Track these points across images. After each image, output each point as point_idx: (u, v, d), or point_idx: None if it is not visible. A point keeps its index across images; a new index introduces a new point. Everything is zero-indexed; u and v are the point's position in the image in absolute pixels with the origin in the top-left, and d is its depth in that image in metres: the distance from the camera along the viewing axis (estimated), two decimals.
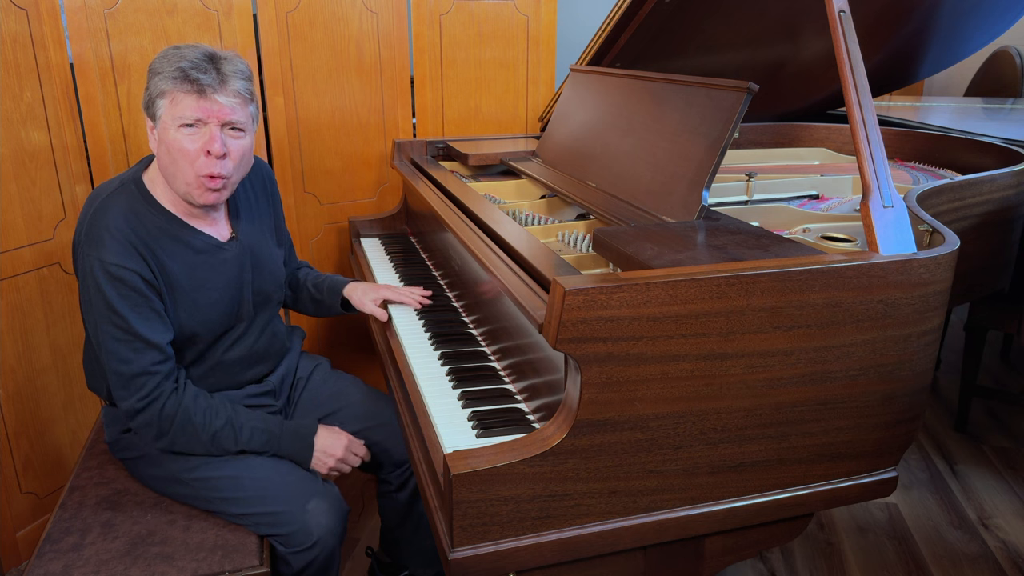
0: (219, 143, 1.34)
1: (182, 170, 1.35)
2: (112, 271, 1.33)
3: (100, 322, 1.35)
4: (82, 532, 1.40)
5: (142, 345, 1.35)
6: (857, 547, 2.14)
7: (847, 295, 1.14)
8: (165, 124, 1.34)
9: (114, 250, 1.33)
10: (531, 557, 1.10)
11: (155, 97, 1.34)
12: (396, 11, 2.43)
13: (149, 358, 1.36)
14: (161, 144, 1.36)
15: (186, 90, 1.31)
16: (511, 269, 1.32)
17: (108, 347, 1.36)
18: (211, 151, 1.34)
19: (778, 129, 2.61)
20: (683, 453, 1.13)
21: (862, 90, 1.25)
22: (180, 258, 1.42)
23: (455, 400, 1.34)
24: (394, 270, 2.06)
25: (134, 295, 1.35)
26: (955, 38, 2.47)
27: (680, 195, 1.42)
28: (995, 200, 1.87)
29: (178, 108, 1.32)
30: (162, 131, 1.34)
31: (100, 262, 1.33)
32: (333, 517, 1.44)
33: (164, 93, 1.32)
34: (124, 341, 1.35)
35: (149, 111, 1.36)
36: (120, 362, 1.35)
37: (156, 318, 1.38)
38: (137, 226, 1.37)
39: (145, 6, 2.05)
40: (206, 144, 1.33)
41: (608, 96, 1.84)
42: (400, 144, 2.43)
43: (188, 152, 1.33)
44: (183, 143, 1.33)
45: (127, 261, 1.34)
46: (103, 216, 1.36)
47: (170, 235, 1.41)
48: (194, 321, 1.44)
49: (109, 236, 1.34)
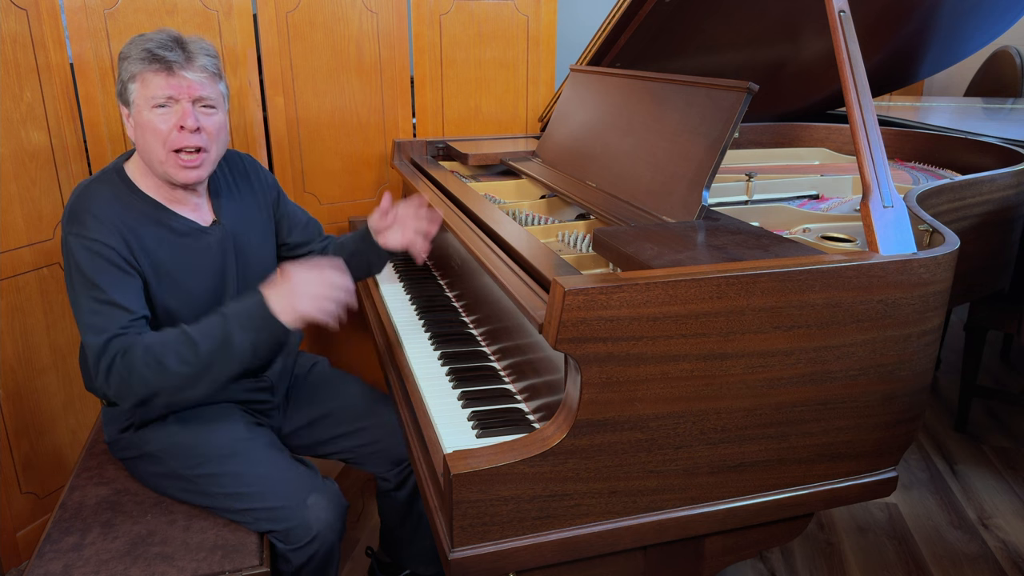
0: (192, 117, 1.37)
1: (157, 150, 1.38)
2: (91, 246, 1.34)
3: (80, 296, 1.35)
4: (82, 532, 1.40)
5: (116, 311, 1.34)
6: (857, 547, 2.14)
7: (847, 295, 1.14)
8: (139, 107, 1.37)
9: (95, 228, 1.35)
10: (531, 557, 1.10)
11: (126, 82, 1.37)
12: (396, 11, 2.43)
13: (118, 322, 1.34)
14: (137, 128, 1.39)
15: (155, 69, 1.35)
16: (511, 269, 1.32)
17: (87, 320, 1.35)
18: (184, 126, 1.36)
19: (778, 129, 2.61)
20: (683, 453, 1.13)
21: (862, 90, 1.25)
22: (163, 242, 1.43)
23: (455, 400, 1.34)
24: (394, 270, 2.06)
25: (113, 269, 1.36)
26: (955, 38, 2.47)
27: (680, 195, 1.42)
28: (995, 200, 1.87)
29: (149, 88, 1.35)
30: (136, 115, 1.38)
31: (79, 237, 1.35)
32: (332, 512, 1.44)
33: (134, 76, 1.36)
34: (100, 312, 1.34)
35: (123, 98, 1.39)
36: (97, 333, 1.33)
37: (134, 292, 1.38)
38: (119, 210, 1.39)
39: (145, 6, 2.05)
40: (179, 120, 1.36)
41: (608, 96, 1.84)
42: (400, 144, 2.43)
43: (161, 131, 1.36)
44: (156, 123, 1.36)
45: (107, 237, 1.35)
46: (85, 200, 1.39)
47: (152, 219, 1.43)
48: (180, 303, 1.45)
49: (91, 217, 1.36)
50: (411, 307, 1.78)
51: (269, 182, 1.69)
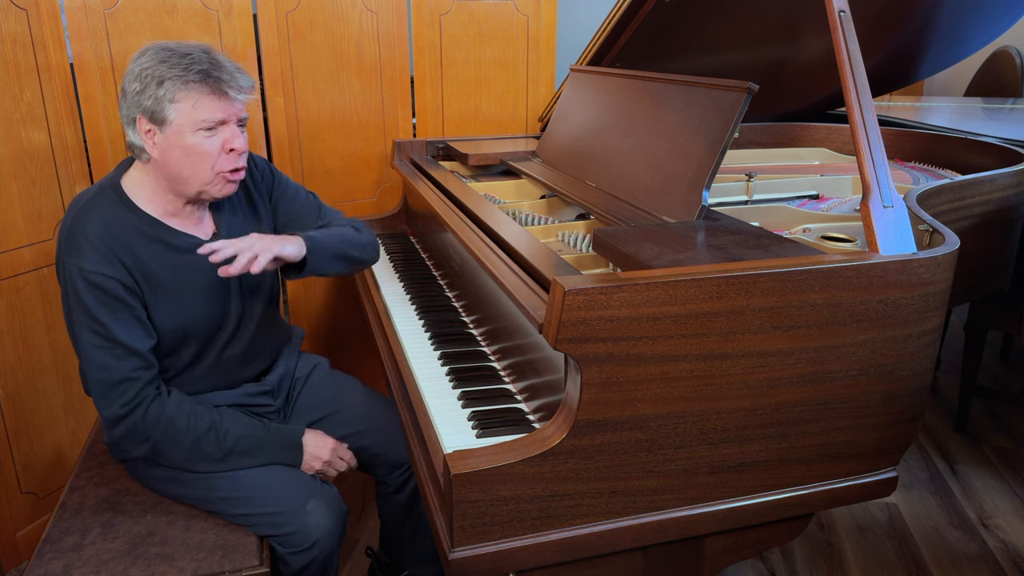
0: (241, 140, 1.37)
1: (201, 171, 1.36)
2: (91, 278, 1.32)
3: (80, 331, 1.35)
4: (82, 532, 1.40)
5: (123, 352, 1.35)
6: (857, 547, 2.14)
7: (847, 295, 1.14)
8: (180, 128, 1.32)
9: (93, 257, 1.33)
10: (531, 557, 1.10)
11: (164, 98, 1.31)
12: (396, 11, 2.43)
13: (130, 364, 1.35)
14: (172, 148, 1.34)
15: (208, 92, 1.32)
16: (511, 269, 1.32)
17: (89, 355, 1.35)
18: (235, 148, 1.36)
19: (778, 129, 2.61)
20: (683, 453, 1.13)
21: (862, 90, 1.25)
22: (163, 260, 1.41)
23: (455, 400, 1.34)
24: (394, 270, 2.06)
25: (114, 302, 1.34)
26: (955, 38, 2.47)
27: (680, 195, 1.42)
28: (995, 200, 1.87)
29: (200, 111, 1.32)
30: (175, 135, 1.33)
31: (79, 270, 1.32)
32: (332, 518, 1.44)
33: (179, 96, 1.31)
34: (105, 348, 1.34)
35: (156, 116, 1.32)
36: (101, 369, 1.34)
37: (137, 325, 1.37)
38: (117, 231, 1.36)
39: (145, 6, 2.05)
40: (227, 143, 1.36)
41: (608, 96, 1.84)
42: (400, 144, 2.43)
43: (211, 154, 1.35)
44: (205, 146, 1.34)
45: (106, 268, 1.33)
46: (81, 224, 1.35)
47: (151, 237, 1.40)
48: (184, 319, 1.44)
49: (88, 244, 1.33)
50: (411, 307, 1.78)
51: (263, 171, 1.64)
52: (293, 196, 1.67)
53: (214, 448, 1.42)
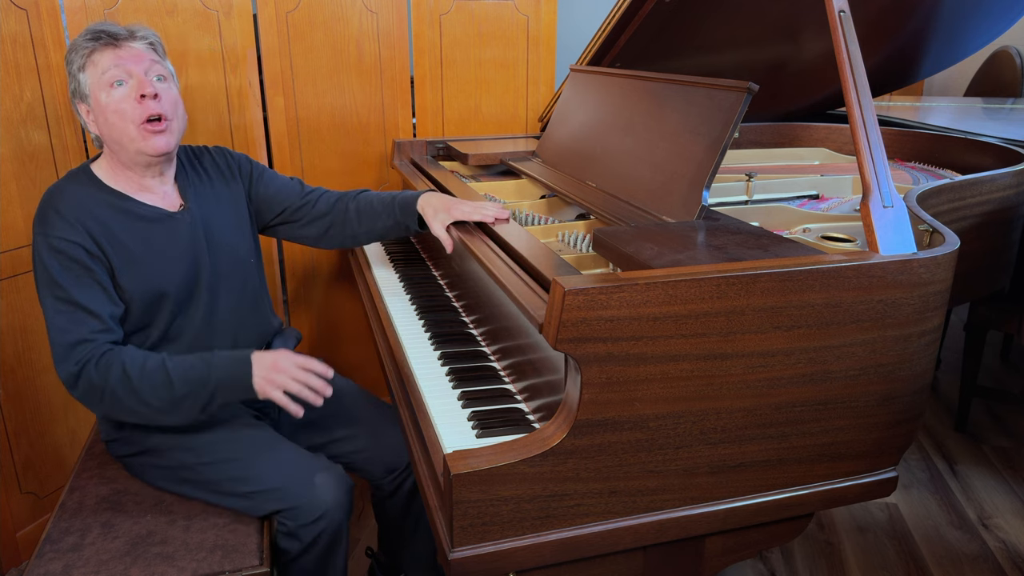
0: (149, 85, 1.39)
1: (125, 129, 1.40)
2: (54, 243, 1.36)
3: (45, 298, 1.37)
4: (82, 532, 1.40)
5: (84, 314, 1.36)
6: (857, 547, 2.14)
7: (847, 295, 1.14)
8: (95, 93, 1.39)
9: (58, 225, 1.37)
10: (531, 557, 1.10)
11: (77, 72, 1.39)
12: (396, 11, 2.43)
13: (89, 327, 1.36)
14: (99, 116, 1.41)
15: (101, 46, 1.39)
16: (511, 269, 1.32)
17: (50, 319, 1.37)
18: (144, 93, 1.39)
19: (778, 129, 2.61)
20: (683, 453, 1.13)
21: (862, 90, 1.25)
22: (132, 229, 1.44)
23: (455, 400, 1.34)
24: (394, 270, 2.06)
25: (76, 266, 1.37)
26: (955, 38, 2.47)
27: (680, 195, 1.42)
28: (995, 200, 1.87)
29: (100, 66, 1.38)
30: (95, 103, 1.40)
31: (44, 236, 1.37)
32: (340, 490, 1.45)
33: (84, 64, 1.39)
34: (65, 312, 1.36)
35: (79, 95, 1.41)
36: (60, 332, 1.35)
37: (99, 290, 1.39)
38: (86, 204, 1.41)
39: (145, 6, 2.05)
40: (138, 89, 1.39)
41: (608, 96, 1.84)
42: (400, 144, 2.43)
43: (124, 110, 1.39)
44: (118, 102, 1.39)
45: (69, 234, 1.37)
46: (51, 199, 1.41)
47: (119, 209, 1.44)
48: (157, 284, 1.45)
49: (55, 214, 1.38)
50: (411, 307, 1.78)
51: (240, 161, 1.67)
52: (271, 177, 1.72)
53: (166, 394, 1.35)
